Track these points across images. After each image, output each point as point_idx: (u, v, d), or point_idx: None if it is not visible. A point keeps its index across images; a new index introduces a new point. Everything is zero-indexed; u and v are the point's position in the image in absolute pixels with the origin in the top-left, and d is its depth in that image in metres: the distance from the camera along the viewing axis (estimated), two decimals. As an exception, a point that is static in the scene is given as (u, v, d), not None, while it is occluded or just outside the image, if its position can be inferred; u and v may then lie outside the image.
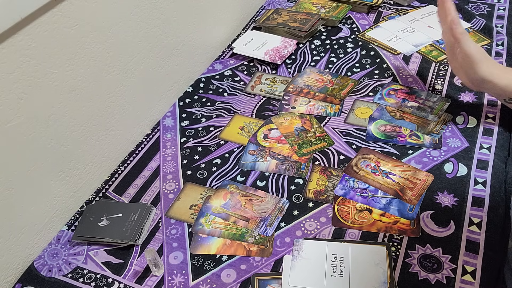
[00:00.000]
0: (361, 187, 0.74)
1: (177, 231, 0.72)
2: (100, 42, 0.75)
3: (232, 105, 0.94)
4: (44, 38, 0.65)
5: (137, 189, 0.79)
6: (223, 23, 1.11)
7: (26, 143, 0.66)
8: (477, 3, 1.14)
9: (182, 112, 0.94)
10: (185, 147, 0.86)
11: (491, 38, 1.02)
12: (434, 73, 0.95)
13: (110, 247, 0.71)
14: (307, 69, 1.01)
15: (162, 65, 0.92)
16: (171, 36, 0.93)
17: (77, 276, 0.68)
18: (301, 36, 1.08)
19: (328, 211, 0.72)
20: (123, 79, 0.82)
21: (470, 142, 0.79)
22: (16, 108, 0.63)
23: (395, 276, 0.62)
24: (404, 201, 0.71)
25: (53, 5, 0.64)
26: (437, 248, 0.65)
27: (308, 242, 0.67)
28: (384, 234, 0.68)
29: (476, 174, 0.74)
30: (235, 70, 1.03)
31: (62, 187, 0.75)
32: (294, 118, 0.89)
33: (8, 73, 0.61)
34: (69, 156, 0.75)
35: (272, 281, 0.64)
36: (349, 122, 0.87)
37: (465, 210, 0.69)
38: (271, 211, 0.73)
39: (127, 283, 0.66)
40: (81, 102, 0.74)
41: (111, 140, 0.83)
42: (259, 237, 0.69)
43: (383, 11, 1.16)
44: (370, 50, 1.03)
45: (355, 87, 0.94)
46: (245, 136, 0.87)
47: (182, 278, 0.66)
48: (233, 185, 0.78)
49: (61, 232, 0.75)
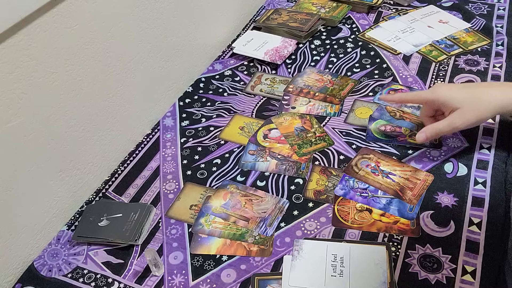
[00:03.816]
0: (361, 187, 0.74)
1: (177, 231, 0.72)
2: (100, 42, 0.75)
3: (232, 105, 0.94)
4: (44, 38, 0.64)
5: (137, 189, 0.79)
6: (223, 23, 1.11)
7: (26, 143, 0.66)
8: (477, 3, 1.14)
9: (182, 112, 0.94)
10: (185, 147, 0.86)
11: (491, 38, 1.02)
12: (434, 73, 0.95)
13: (110, 247, 0.71)
14: (307, 69, 1.01)
15: (162, 65, 0.92)
16: (171, 36, 0.93)
17: (77, 276, 0.68)
18: (301, 36, 1.08)
19: (328, 211, 0.72)
20: (123, 79, 0.82)
21: (470, 142, 0.79)
22: (16, 108, 0.63)
23: (395, 276, 0.62)
24: (404, 201, 0.71)
25: (53, 5, 0.64)
26: (437, 248, 0.65)
27: (308, 242, 0.67)
28: (384, 234, 0.68)
29: (476, 174, 0.74)
30: (235, 70, 1.03)
31: (62, 187, 0.75)
32: (294, 118, 0.89)
33: (8, 73, 0.61)
34: (69, 156, 0.75)
35: (272, 281, 0.64)
36: (349, 122, 0.87)
37: (465, 210, 0.69)
38: (271, 211, 0.73)
39: (127, 283, 0.66)
40: (81, 102, 0.74)
41: (111, 140, 0.83)
42: (259, 237, 0.69)
43: (383, 11, 1.16)
44: (370, 50, 1.03)
45: (355, 87, 0.94)
46: (245, 136, 0.87)
47: (182, 278, 0.66)
48: (233, 185, 0.78)
49: (61, 232, 0.75)
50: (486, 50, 0.99)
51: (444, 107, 0.71)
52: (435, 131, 0.71)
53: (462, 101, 0.68)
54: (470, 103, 0.68)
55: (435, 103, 0.72)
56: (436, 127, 0.71)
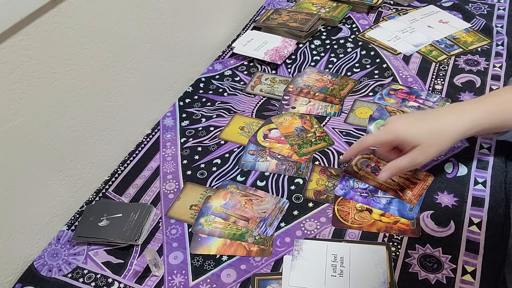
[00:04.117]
0: (361, 187, 0.74)
1: (177, 231, 0.72)
2: (100, 42, 0.75)
3: (232, 105, 0.94)
4: (44, 38, 0.65)
5: (137, 189, 0.79)
6: (223, 23, 1.11)
7: (26, 143, 0.66)
8: (477, 3, 1.14)
9: (182, 112, 0.94)
10: (185, 147, 0.86)
11: (491, 38, 1.02)
12: (434, 73, 0.95)
13: (110, 247, 0.71)
14: (307, 69, 1.01)
15: (162, 65, 0.92)
16: (171, 36, 0.93)
17: (77, 276, 0.68)
18: (301, 36, 1.08)
19: (328, 211, 0.72)
20: (123, 79, 0.82)
21: (470, 142, 0.79)
22: (16, 108, 0.63)
23: (395, 276, 0.62)
24: (404, 201, 0.71)
25: (53, 5, 0.64)
26: (437, 248, 0.65)
27: (308, 242, 0.67)
28: (384, 234, 0.68)
29: (476, 174, 0.74)
30: (235, 70, 1.03)
31: (62, 187, 0.75)
32: (294, 118, 0.89)
33: (8, 73, 0.61)
34: (69, 156, 0.75)
35: (272, 281, 0.64)
36: (349, 122, 0.87)
37: (465, 210, 0.69)
38: (271, 211, 0.73)
39: (127, 283, 0.66)
40: (81, 102, 0.74)
41: (111, 140, 0.83)
42: (259, 237, 0.69)
43: (383, 11, 1.16)
44: (370, 50, 1.03)
45: (355, 87, 0.94)
46: (245, 136, 0.87)
47: (182, 278, 0.66)
48: (233, 185, 0.78)
49: (61, 232, 0.75)
50: (486, 50, 0.99)
51: (404, 144, 0.67)
52: (398, 169, 0.67)
53: (422, 137, 0.65)
54: (430, 138, 0.65)
55: (393, 143, 0.68)
56: (398, 165, 0.67)
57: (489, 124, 0.66)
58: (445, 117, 0.67)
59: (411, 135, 0.65)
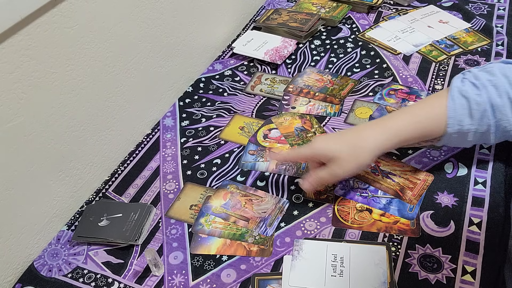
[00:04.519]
0: (361, 187, 0.74)
1: (177, 231, 0.72)
2: (100, 42, 0.75)
3: (232, 105, 0.94)
4: (44, 38, 0.65)
5: (137, 189, 0.79)
6: (223, 23, 1.11)
7: (26, 143, 0.66)
8: (477, 3, 1.14)
9: (182, 112, 0.94)
10: (185, 147, 0.86)
11: (491, 38, 1.02)
12: (434, 73, 0.95)
13: (110, 247, 0.71)
14: (307, 69, 1.01)
15: (162, 65, 0.92)
16: (171, 36, 0.93)
17: (77, 276, 0.68)
18: (301, 36, 1.08)
19: (328, 211, 0.72)
20: (123, 79, 0.82)
21: (470, 142, 0.79)
22: (16, 108, 0.63)
23: (395, 276, 0.62)
24: (404, 201, 0.71)
25: (53, 5, 0.64)
26: (437, 248, 0.65)
27: (308, 242, 0.67)
28: (384, 234, 0.68)
29: (476, 174, 0.74)
30: (235, 70, 1.03)
31: (62, 187, 0.75)
32: (294, 118, 0.89)
33: (8, 73, 0.61)
34: (69, 156, 0.75)
35: (272, 281, 0.64)
36: (349, 122, 0.87)
37: (465, 210, 0.69)
38: (271, 211, 0.73)
39: (127, 283, 0.66)
40: (81, 102, 0.74)
41: (111, 140, 0.83)
42: (259, 237, 0.69)
43: (383, 11, 1.16)
44: (370, 50, 1.03)
45: (355, 87, 0.94)
46: (245, 136, 0.87)
47: (182, 278, 0.66)
48: (233, 185, 0.78)
49: (61, 232, 0.75)
50: (486, 50, 0.99)
51: (324, 159, 0.68)
52: (317, 179, 0.69)
53: (339, 151, 0.66)
54: (347, 153, 0.66)
55: (314, 157, 0.70)
56: (318, 175, 0.68)
57: (408, 135, 0.67)
58: (363, 132, 0.68)
59: (330, 150, 0.67)
